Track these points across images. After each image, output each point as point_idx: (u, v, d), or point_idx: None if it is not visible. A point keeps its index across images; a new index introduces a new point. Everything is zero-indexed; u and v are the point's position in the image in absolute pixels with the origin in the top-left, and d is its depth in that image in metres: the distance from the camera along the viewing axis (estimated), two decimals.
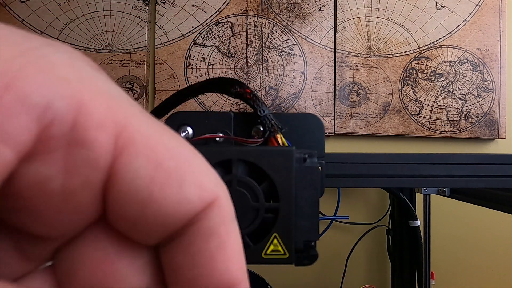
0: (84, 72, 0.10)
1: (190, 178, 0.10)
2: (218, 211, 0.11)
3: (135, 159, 0.10)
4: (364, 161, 0.32)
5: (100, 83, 0.10)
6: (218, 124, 0.29)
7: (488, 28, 0.85)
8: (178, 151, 0.10)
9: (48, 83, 0.09)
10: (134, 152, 0.10)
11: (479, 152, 0.86)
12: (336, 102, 0.83)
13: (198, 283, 0.10)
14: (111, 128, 0.09)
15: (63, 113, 0.09)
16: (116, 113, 0.10)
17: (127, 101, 0.10)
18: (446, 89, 0.84)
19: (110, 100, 0.10)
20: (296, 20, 0.84)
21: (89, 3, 0.82)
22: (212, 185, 0.11)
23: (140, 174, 0.10)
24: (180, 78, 0.83)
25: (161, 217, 0.10)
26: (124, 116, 0.10)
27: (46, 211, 0.10)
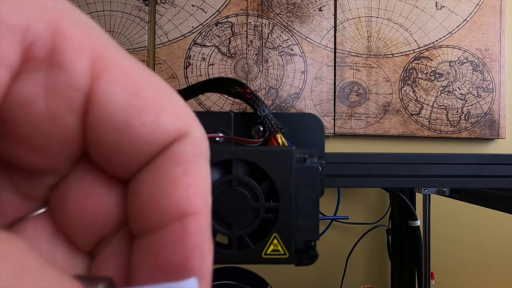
0: (60, 3, 0.10)
1: (167, 108, 0.11)
2: (191, 141, 0.11)
3: (112, 84, 0.10)
4: (364, 161, 0.32)
5: (76, 14, 0.10)
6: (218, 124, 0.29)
7: (488, 28, 0.85)
8: (155, 84, 0.11)
9: (26, 8, 0.09)
10: (111, 78, 0.10)
11: (479, 152, 0.86)
12: (336, 102, 0.83)
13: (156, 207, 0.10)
14: (88, 53, 0.10)
15: (43, 36, 0.09)
16: (92, 41, 0.10)
17: (103, 34, 0.11)
18: (446, 89, 0.84)
19: (87, 29, 0.10)
20: (296, 20, 0.84)
21: (89, 3, 0.82)
22: (188, 118, 0.11)
23: (118, 99, 0.10)
24: (180, 78, 0.83)
25: (137, 143, 0.10)
26: (100, 45, 0.10)
27: (34, 135, 0.10)
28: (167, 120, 0.11)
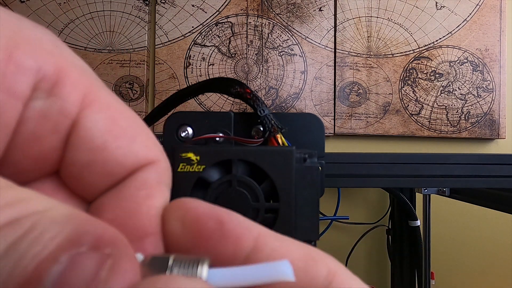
0: (63, 49, 0.13)
1: (139, 138, 0.13)
2: (156, 170, 0.13)
3: (96, 113, 0.12)
4: (364, 161, 0.32)
5: (74, 59, 0.13)
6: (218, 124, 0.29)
7: (488, 28, 0.85)
8: (131, 117, 0.13)
9: (38, 54, 0.12)
10: (95, 108, 0.12)
11: (479, 152, 0.86)
12: (336, 102, 0.83)
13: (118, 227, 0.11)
14: (81, 88, 0.12)
15: (50, 74, 0.12)
16: (86, 80, 0.12)
17: (94, 76, 0.13)
18: (446, 89, 0.84)
19: (83, 71, 0.13)
20: (296, 20, 0.84)
21: (89, 3, 0.82)
22: (157, 149, 0.13)
23: (99, 124, 0.12)
24: (180, 78, 0.83)
25: (110, 163, 0.12)
26: (91, 84, 0.13)
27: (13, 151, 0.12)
28: (138, 147, 0.13)
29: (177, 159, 0.23)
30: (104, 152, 0.12)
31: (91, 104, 0.12)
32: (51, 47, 0.12)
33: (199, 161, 0.23)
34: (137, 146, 0.13)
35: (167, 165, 0.14)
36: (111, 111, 0.12)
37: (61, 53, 0.12)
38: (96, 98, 0.12)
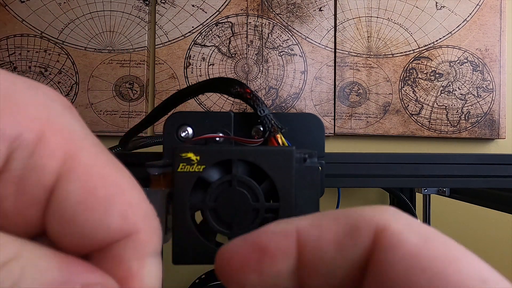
0: (53, 111, 0.12)
1: (116, 208, 0.12)
2: (134, 244, 0.12)
3: (70, 183, 0.11)
4: (364, 161, 0.32)
5: (63, 120, 0.12)
6: (218, 124, 0.29)
7: (488, 28, 0.85)
8: (113, 182, 0.12)
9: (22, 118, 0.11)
10: (71, 178, 0.12)
11: (479, 152, 0.86)
12: (336, 102, 0.83)
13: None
14: (59, 156, 0.11)
15: (27, 143, 0.11)
16: (68, 145, 0.12)
17: (83, 135, 0.12)
18: (446, 89, 0.84)
19: (67, 134, 0.12)
20: (296, 20, 0.84)
21: (89, 3, 0.82)
22: (136, 218, 0.12)
23: (70, 197, 0.11)
24: (180, 78, 0.83)
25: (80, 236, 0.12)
26: (74, 148, 0.12)
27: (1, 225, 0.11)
28: (112, 220, 0.12)
29: (177, 159, 0.23)
30: (73, 225, 0.11)
31: (68, 172, 0.12)
32: (38, 111, 0.12)
33: (199, 161, 0.23)
34: (110, 218, 0.12)
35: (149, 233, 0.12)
36: (88, 179, 0.12)
37: (47, 117, 0.12)
38: (75, 165, 0.12)
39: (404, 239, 0.11)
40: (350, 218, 0.12)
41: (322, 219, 0.12)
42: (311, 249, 0.12)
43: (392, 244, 0.11)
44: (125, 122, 0.81)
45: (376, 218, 0.12)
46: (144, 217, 0.12)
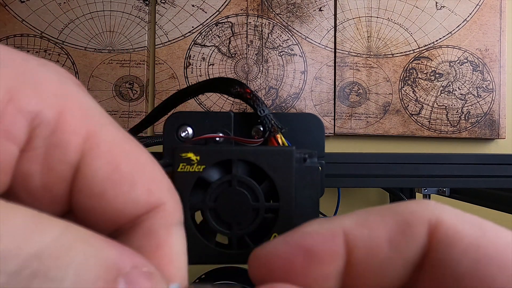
0: (69, 88, 0.12)
1: (141, 183, 0.12)
2: (161, 215, 0.12)
3: (96, 160, 0.12)
4: (364, 161, 0.32)
5: (80, 97, 0.12)
6: (218, 124, 0.29)
7: (488, 28, 0.85)
8: (135, 158, 0.12)
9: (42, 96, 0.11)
10: (96, 155, 0.12)
11: (479, 152, 0.86)
12: (336, 102, 0.83)
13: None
14: (82, 133, 0.12)
15: (48, 119, 0.11)
16: (88, 122, 0.12)
17: (100, 114, 0.12)
18: (446, 89, 0.84)
19: (86, 111, 0.12)
20: (296, 20, 0.84)
21: (89, 3, 0.82)
22: (160, 192, 0.13)
23: (98, 172, 0.12)
24: (180, 78, 0.83)
25: (109, 212, 0.12)
26: (94, 125, 0.12)
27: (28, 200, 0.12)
28: (138, 194, 0.12)
29: (177, 159, 0.23)
30: (102, 201, 0.12)
31: (92, 149, 0.12)
32: (55, 88, 0.12)
33: (199, 161, 0.23)
34: (137, 192, 0.12)
35: (173, 205, 0.13)
36: (112, 156, 0.12)
37: (65, 94, 0.12)
38: (98, 142, 0.12)
39: (462, 232, 0.11)
40: (399, 215, 0.12)
41: (368, 218, 0.12)
42: (362, 249, 0.11)
43: (451, 238, 0.11)
44: (125, 122, 0.81)
45: (426, 213, 0.11)
46: (168, 190, 0.13)
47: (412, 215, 0.11)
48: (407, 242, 0.11)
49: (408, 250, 0.11)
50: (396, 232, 0.11)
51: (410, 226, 0.11)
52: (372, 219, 0.12)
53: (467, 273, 0.10)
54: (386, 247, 0.11)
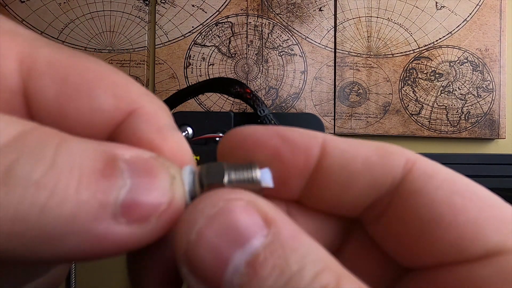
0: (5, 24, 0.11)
1: (101, 90, 0.11)
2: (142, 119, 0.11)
3: (40, 78, 0.10)
4: None
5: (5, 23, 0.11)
6: (218, 124, 0.29)
7: (488, 28, 0.85)
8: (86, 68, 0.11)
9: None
10: (38, 73, 0.10)
11: (479, 152, 0.86)
12: (336, 102, 0.83)
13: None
14: (14, 55, 0.10)
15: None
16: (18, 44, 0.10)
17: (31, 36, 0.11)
18: (446, 89, 0.84)
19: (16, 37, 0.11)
20: (296, 20, 0.84)
21: (89, 3, 0.82)
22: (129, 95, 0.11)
23: (47, 90, 0.10)
24: (180, 78, 0.83)
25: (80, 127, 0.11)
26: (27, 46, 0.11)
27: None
28: (102, 101, 0.11)
29: None
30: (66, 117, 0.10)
31: (32, 69, 0.10)
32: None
33: (199, 161, 0.23)
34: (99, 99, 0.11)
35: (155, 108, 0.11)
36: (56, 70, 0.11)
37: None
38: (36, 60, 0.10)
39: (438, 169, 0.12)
40: (381, 146, 0.12)
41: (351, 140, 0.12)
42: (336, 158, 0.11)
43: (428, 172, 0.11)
44: None
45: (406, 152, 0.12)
46: (139, 93, 0.12)
47: (392, 148, 0.12)
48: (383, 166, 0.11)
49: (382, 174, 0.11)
50: (374, 155, 0.11)
51: (390, 154, 0.12)
52: (354, 141, 0.12)
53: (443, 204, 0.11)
54: (360, 163, 0.11)
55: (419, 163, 0.12)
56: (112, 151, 0.09)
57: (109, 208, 0.09)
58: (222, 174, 0.11)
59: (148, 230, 0.10)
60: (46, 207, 0.08)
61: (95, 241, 0.09)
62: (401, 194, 0.11)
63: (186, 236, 0.09)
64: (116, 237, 0.09)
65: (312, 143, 0.12)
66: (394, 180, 0.11)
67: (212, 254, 0.09)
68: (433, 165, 0.12)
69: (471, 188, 0.12)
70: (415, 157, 0.12)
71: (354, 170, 0.11)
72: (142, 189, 0.09)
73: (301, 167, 0.11)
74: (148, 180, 0.09)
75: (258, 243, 0.09)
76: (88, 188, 0.09)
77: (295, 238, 0.09)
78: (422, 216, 0.11)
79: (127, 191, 0.09)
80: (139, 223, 0.09)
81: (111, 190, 0.09)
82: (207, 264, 0.09)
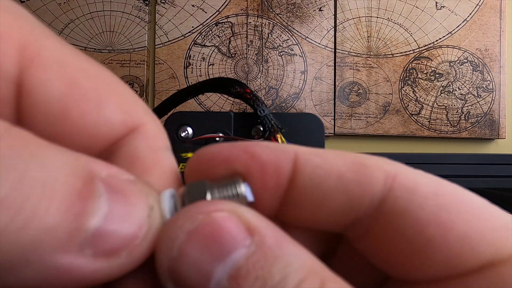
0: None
1: (111, 100, 0.10)
2: (143, 137, 0.10)
3: (44, 71, 0.09)
4: None
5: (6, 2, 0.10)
6: (218, 124, 0.29)
7: (488, 28, 0.85)
8: (96, 73, 0.10)
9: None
10: (42, 65, 0.09)
11: (479, 152, 0.86)
12: (336, 102, 0.83)
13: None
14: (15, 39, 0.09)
15: None
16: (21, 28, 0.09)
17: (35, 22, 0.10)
18: (446, 89, 0.84)
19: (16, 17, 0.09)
20: (296, 20, 0.84)
21: (89, 3, 0.82)
22: (136, 111, 0.10)
23: (51, 87, 0.09)
24: (180, 78, 0.83)
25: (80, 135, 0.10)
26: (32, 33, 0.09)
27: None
28: (110, 113, 0.10)
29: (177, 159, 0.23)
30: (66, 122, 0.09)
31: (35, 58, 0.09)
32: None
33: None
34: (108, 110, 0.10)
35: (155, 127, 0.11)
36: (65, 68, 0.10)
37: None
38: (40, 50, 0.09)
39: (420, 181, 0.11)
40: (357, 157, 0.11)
41: (325, 152, 0.11)
42: (308, 175, 0.11)
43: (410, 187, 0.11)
44: None
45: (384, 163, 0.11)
46: (144, 111, 0.11)
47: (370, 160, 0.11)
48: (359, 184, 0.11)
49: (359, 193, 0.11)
50: (349, 171, 0.11)
51: (366, 169, 0.11)
52: (328, 153, 0.11)
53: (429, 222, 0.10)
54: (333, 181, 0.10)
55: (400, 178, 0.11)
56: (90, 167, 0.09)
57: (78, 236, 0.08)
58: (204, 192, 0.10)
59: (116, 265, 0.09)
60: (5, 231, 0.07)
61: (54, 274, 0.08)
62: (384, 214, 0.11)
63: (168, 253, 0.09)
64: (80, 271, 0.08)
65: (282, 161, 0.11)
66: (372, 200, 0.11)
67: (194, 269, 0.09)
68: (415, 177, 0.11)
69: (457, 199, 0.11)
70: (394, 170, 0.11)
71: (327, 189, 0.11)
72: (117, 217, 0.08)
73: (272, 187, 0.11)
74: (124, 207, 0.09)
75: (240, 255, 0.09)
76: (59, 210, 0.08)
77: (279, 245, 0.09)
78: (409, 236, 0.10)
79: (102, 219, 0.08)
80: (107, 257, 0.08)
81: (86, 215, 0.08)
82: (191, 280, 0.09)
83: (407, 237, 0.10)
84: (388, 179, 0.11)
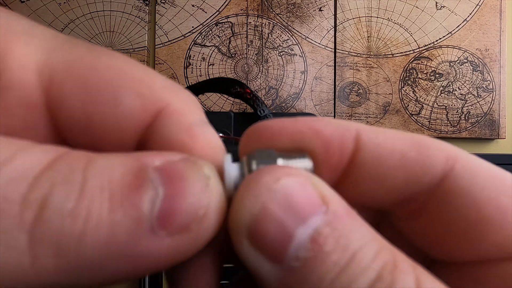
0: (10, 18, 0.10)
1: (124, 90, 0.10)
2: (169, 118, 0.10)
3: (63, 86, 0.10)
4: None
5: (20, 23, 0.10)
6: (218, 124, 0.29)
7: (488, 28, 0.85)
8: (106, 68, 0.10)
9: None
10: (60, 81, 0.10)
11: (479, 152, 0.86)
12: (336, 102, 0.83)
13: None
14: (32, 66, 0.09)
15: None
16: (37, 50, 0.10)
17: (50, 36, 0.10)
18: (446, 89, 0.84)
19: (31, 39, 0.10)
20: (296, 20, 0.84)
21: (89, 3, 0.82)
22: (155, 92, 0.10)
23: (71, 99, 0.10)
24: (180, 78, 0.83)
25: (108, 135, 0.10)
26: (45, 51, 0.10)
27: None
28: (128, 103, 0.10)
29: None
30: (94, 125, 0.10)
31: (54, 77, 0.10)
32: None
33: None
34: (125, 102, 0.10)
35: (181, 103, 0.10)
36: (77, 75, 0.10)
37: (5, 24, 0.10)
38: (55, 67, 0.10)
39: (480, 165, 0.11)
40: (418, 139, 0.11)
41: (386, 130, 0.11)
42: (370, 153, 0.11)
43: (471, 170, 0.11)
44: None
45: (445, 146, 0.11)
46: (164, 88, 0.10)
47: (430, 142, 0.11)
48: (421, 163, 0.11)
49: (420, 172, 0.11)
50: (412, 150, 0.11)
51: (428, 150, 0.11)
52: (389, 132, 0.11)
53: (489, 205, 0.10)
54: (396, 159, 0.11)
55: (461, 161, 0.11)
56: (141, 161, 0.09)
57: (145, 222, 0.09)
58: (274, 158, 0.10)
59: (191, 238, 0.09)
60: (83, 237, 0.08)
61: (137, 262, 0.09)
62: (442, 193, 0.11)
63: (250, 208, 0.09)
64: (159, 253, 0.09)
65: (346, 137, 0.11)
66: (433, 179, 0.11)
67: (276, 228, 0.09)
68: (475, 162, 0.11)
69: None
70: (455, 154, 0.11)
71: (390, 166, 0.11)
72: (176, 196, 0.09)
73: (334, 163, 0.11)
74: (180, 185, 0.09)
75: (319, 220, 0.09)
76: (120, 206, 0.08)
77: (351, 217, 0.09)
78: (466, 216, 0.10)
79: (161, 201, 0.09)
80: (180, 234, 0.09)
81: (142, 202, 0.09)
82: (272, 238, 0.09)
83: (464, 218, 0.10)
84: (450, 160, 0.11)
